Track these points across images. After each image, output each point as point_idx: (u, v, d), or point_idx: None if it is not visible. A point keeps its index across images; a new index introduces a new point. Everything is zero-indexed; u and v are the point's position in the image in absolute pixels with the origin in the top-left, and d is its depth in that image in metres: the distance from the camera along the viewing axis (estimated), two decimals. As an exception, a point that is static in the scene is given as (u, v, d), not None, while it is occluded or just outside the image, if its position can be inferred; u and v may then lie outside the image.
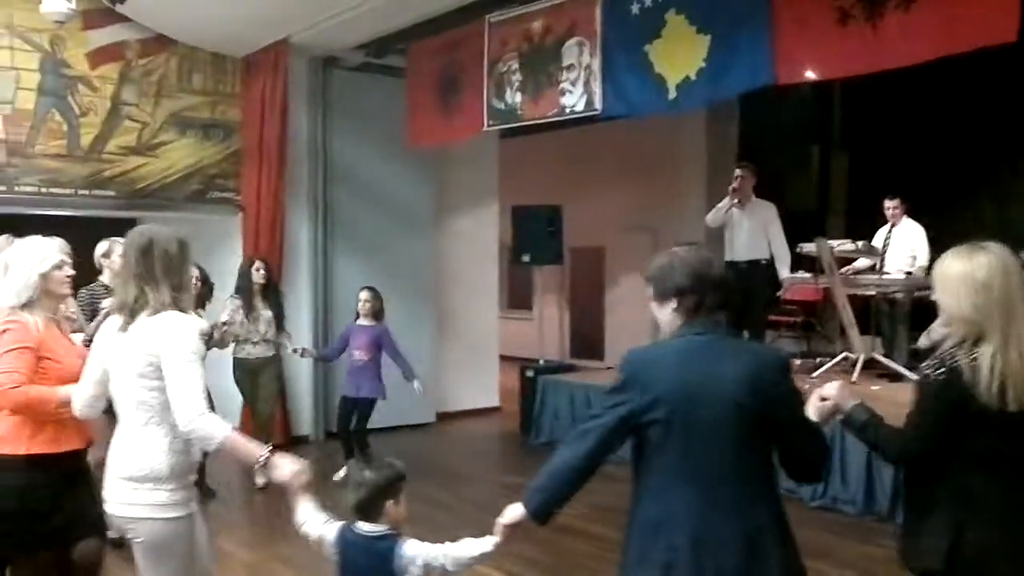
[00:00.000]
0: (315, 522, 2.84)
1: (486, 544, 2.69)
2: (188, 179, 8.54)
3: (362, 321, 7.14)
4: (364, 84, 9.01)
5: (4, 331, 3.20)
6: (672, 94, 6.01)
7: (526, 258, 9.13)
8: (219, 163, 8.70)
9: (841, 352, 8.78)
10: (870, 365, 8.06)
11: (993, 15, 4.43)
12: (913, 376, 4.57)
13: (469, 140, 8.56)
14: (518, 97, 6.99)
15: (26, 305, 3.27)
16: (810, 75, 5.45)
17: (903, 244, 7.98)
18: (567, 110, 6.64)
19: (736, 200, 7.75)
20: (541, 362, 9.44)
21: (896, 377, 7.55)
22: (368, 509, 2.76)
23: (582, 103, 6.52)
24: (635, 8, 6.14)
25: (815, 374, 8.58)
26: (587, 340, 13.07)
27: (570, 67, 6.58)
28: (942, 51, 4.65)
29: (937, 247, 7.93)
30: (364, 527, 2.77)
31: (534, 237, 9.01)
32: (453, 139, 8.15)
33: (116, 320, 2.98)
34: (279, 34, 8.12)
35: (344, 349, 7.19)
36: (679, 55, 5.90)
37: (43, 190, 7.79)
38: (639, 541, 2.43)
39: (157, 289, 2.91)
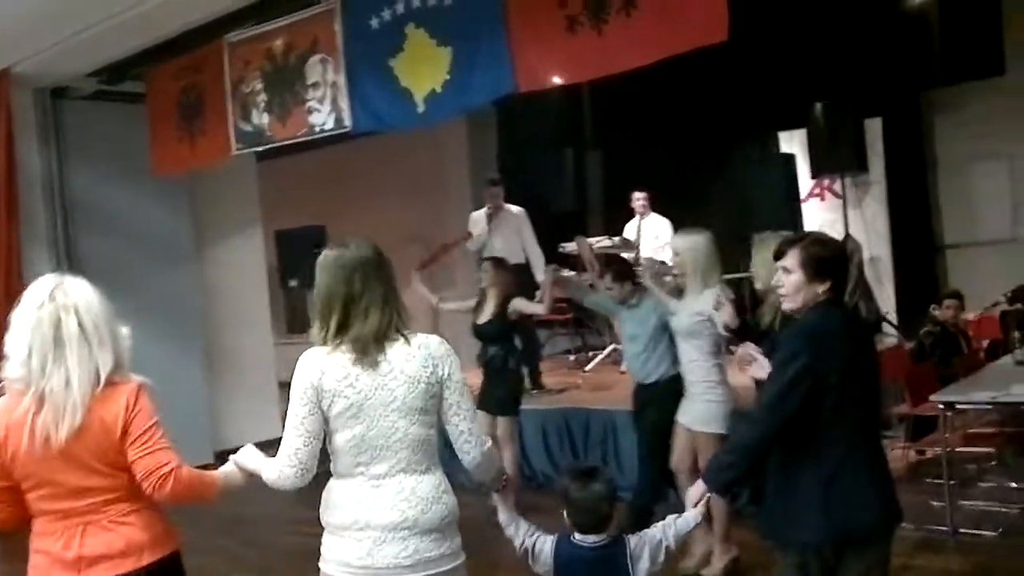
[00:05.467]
0: (521, 530, 2.77)
1: (695, 516, 2.83)
2: (-102, 225, 7.70)
3: None
4: (100, 113, 8.44)
5: (141, 387, 2.61)
6: (421, 107, 6.00)
7: (294, 282, 8.90)
8: (-64, 207, 7.89)
9: (611, 344, 9.17)
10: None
11: (705, 18, 4.69)
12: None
13: (224, 165, 8.22)
14: (265, 118, 6.76)
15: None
16: (549, 82, 5.60)
17: (652, 236, 8.43)
18: (316, 129, 6.50)
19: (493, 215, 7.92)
20: (321, 385, 9.22)
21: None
22: (606, 522, 2.72)
23: (331, 121, 6.40)
24: (375, 23, 6.09)
25: (588, 367, 8.92)
26: (369, 356, 12.89)
27: (315, 85, 6.43)
28: (663, 53, 4.89)
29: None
30: (589, 538, 2.70)
31: (300, 260, 8.77)
32: (201, 165, 7.77)
33: (341, 353, 2.50)
34: (-3, 64, 7.48)
35: None
36: (423, 68, 5.90)
37: None
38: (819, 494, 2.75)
39: (401, 308, 2.57)
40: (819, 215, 9.21)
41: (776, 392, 2.74)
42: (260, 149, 7.26)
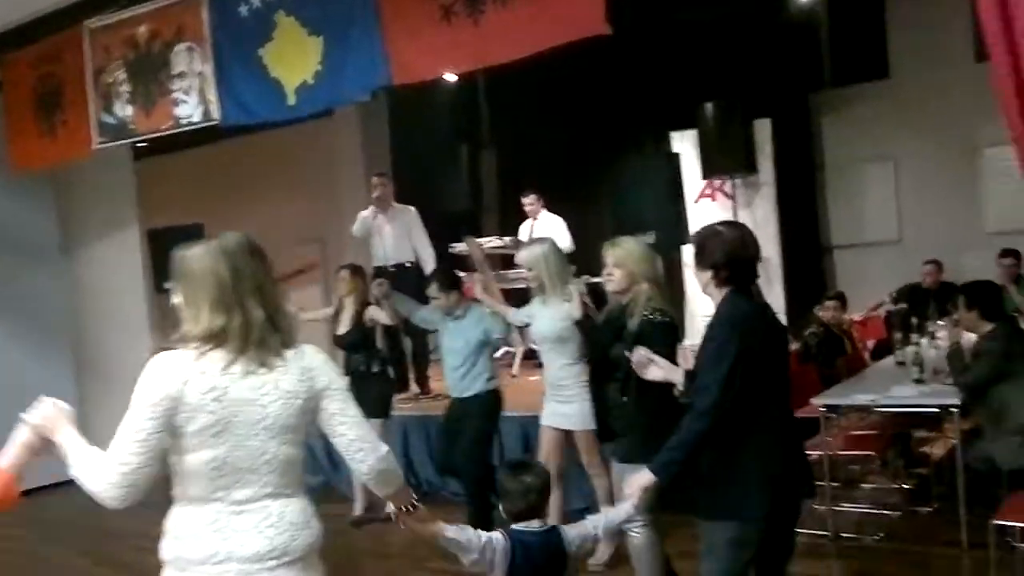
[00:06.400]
0: (467, 533, 2.83)
1: (627, 509, 2.98)
2: None
3: None
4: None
5: None
6: (292, 99, 5.73)
7: (169, 284, 8.44)
8: None
9: (503, 347, 8.96)
10: (529, 356, 8.28)
11: (583, 10, 4.58)
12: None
13: (98, 160, 7.71)
14: (128, 110, 6.37)
15: None
16: (424, 74, 5.39)
17: (546, 235, 8.24)
18: (183, 121, 6.15)
19: (379, 208, 7.66)
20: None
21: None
22: (537, 510, 2.95)
23: (199, 113, 6.05)
24: (244, 10, 5.78)
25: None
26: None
27: (182, 75, 6.08)
28: (540, 45, 4.75)
29: (577, 236, 8.29)
30: (533, 525, 2.93)
31: (176, 260, 8.35)
32: (62, 160, 7.27)
33: (208, 361, 2.19)
34: None
35: None
36: (294, 58, 5.64)
37: None
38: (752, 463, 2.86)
39: (281, 307, 2.31)
40: (710, 215, 9.19)
41: (718, 382, 2.82)
42: (124, 143, 6.83)
